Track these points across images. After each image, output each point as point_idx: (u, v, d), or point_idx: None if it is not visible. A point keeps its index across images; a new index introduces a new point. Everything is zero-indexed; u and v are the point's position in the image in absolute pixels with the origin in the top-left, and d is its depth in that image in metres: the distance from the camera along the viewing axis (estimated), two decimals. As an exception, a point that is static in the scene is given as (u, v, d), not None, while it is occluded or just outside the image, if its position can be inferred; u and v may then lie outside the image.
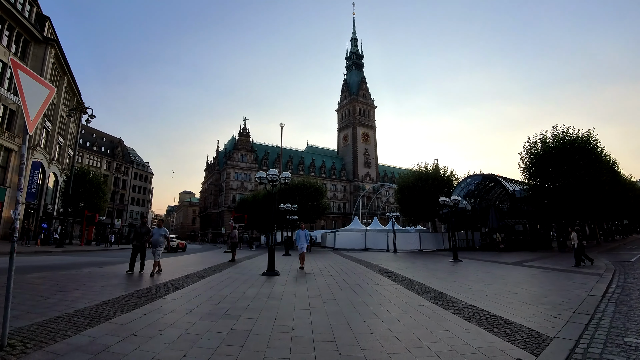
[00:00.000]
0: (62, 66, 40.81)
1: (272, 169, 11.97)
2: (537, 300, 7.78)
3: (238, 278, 10.74)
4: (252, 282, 9.97)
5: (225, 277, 10.96)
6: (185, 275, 11.10)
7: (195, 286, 8.89)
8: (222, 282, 9.84)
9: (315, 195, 43.69)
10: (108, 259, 19.58)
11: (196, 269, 12.92)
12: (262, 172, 12.04)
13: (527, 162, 28.65)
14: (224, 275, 11.44)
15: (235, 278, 10.73)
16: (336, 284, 9.84)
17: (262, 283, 9.76)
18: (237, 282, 9.92)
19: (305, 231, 14.20)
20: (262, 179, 11.98)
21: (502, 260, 20.11)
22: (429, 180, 36.43)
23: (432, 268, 15.24)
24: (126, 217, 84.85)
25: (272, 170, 11.75)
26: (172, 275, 10.94)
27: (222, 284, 9.45)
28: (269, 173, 11.74)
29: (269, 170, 11.86)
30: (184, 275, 11.10)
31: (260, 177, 12.00)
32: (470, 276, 12.23)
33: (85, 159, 73.81)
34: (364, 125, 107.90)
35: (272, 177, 11.71)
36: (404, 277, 11.42)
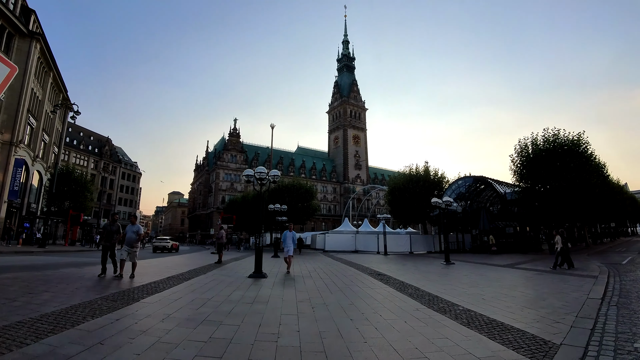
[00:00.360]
0: (48, 61, 39.80)
1: (260, 166, 11.46)
2: (536, 303, 7.46)
3: (223, 280, 10.25)
4: (238, 284, 9.49)
5: (210, 279, 10.47)
6: (167, 277, 10.58)
7: (176, 289, 8.39)
8: (206, 284, 9.34)
9: (306, 197, 43.25)
10: (90, 259, 18.91)
11: (180, 271, 12.40)
12: (249, 170, 11.53)
13: (518, 164, 28.60)
14: (208, 277, 10.94)
15: (220, 280, 10.24)
16: (326, 287, 9.41)
17: (248, 286, 9.29)
18: (221, 284, 9.44)
19: (293, 232, 12.96)
20: (249, 177, 11.49)
21: (494, 262, 19.87)
22: (419, 182, 36.26)
23: (424, 270, 14.90)
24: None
25: (260, 168, 11.28)
26: (153, 277, 10.42)
27: (205, 286, 8.96)
28: (257, 171, 11.26)
29: (256, 168, 11.37)
30: (166, 277, 10.57)
31: (247, 174, 11.50)
32: (464, 279, 11.90)
33: (72, 157, 72.37)
34: (354, 127, 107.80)
35: (260, 175, 11.24)
36: (396, 280, 11.04)
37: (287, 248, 12.68)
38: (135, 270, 10.45)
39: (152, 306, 6.35)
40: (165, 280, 9.74)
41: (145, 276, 10.62)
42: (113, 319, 5.30)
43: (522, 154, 28.44)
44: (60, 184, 38.70)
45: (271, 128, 61.61)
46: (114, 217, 10.91)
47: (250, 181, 11.60)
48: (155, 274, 11.29)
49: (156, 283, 9.18)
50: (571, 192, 25.72)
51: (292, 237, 12.78)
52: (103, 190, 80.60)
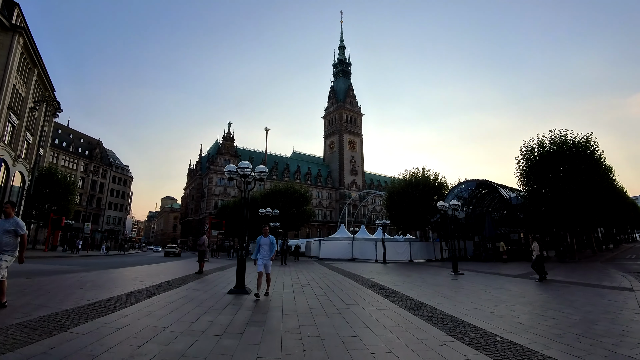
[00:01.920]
0: (32, 57, 37.81)
1: (244, 161, 9.63)
2: (590, 330, 5.82)
3: (195, 298, 8.38)
4: (211, 304, 7.64)
5: (180, 295, 8.60)
6: (128, 292, 8.69)
7: (127, 311, 6.53)
8: (171, 304, 7.48)
9: (300, 202, 41.35)
10: (63, 267, 17.01)
11: (149, 284, 10.51)
12: (231, 166, 9.71)
13: (524, 166, 27.03)
14: (179, 292, 9.08)
15: (192, 297, 8.37)
16: (321, 307, 7.56)
17: (223, 306, 7.43)
18: (191, 304, 7.58)
19: (271, 238, 9.10)
20: (231, 173, 9.69)
21: (505, 272, 18.18)
22: (419, 186, 34.57)
23: (432, 283, 13.08)
24: (103, 222, 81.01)
25: (244, 163, 9.48)
26: (112, 292, 8.56)
27: (168, 307, 7.10)
28: (240, 166, 9.46)
29: (240, 163, 9.57)
30: (126, 292, 8.69)
31: (229, 170, 9.70)
32: (483, 294, 10.13)
33: (60, 159, 70.01)
34: (350, 133, 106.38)
35: (243, 172, 9.44)
36: (404, 296, 9.25)
37: (261, 259, 8.99)
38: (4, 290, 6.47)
39: (76, 342, 4.49)
40: (122, 297, 7.87)
41: (103, 290, 8.76)
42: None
43: (528, 157, 26.88)
44: (42, 186, 36.67)
45: (266, 132, 59.90)
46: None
47: (233, 178, 9.79)
48: (117, 287, 9.43)
49: (107, 302, 7.30)
50: (582, 195, 24.19)
51: (269, 244, 9.07)
52: (92, 194, 78.26)
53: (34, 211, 37.32)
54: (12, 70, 32.47)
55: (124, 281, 11.27)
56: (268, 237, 9.08)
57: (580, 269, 19.17)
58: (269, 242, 9.05)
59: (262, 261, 8.94)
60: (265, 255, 9.01)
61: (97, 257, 32.46)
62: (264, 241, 9.06)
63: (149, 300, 7.78)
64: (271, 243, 9.07)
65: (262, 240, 9.07)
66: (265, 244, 9.04)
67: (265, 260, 8.95)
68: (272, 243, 9.08)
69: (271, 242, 9.08)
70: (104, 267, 18.08)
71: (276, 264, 25.03)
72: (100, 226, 79.59)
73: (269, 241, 9.06)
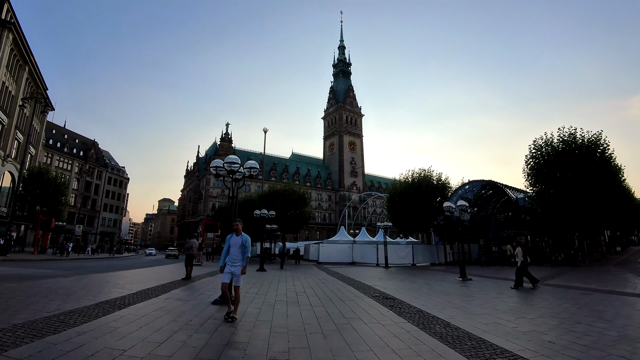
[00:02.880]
0: (23, 54, 36.84)
1: (231, 156, 8.53)
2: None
3: (174, 309, 7.31)
4: (189, 318, 6.57)
5: (157, 306, 7.53)
6: (99, 302, 7.60)
7: (88, 326, 5.46)
8: (143, 317, 6.40)
9: (299, 203, 40.17)
10: (44, 271, 15.92)
11: (127, 291, 9.43)
12: (218, 161, 8.66)
13: (533, 166, 26.02)
14: (157, 302, 8.00)
15: (170, 309, 7.29)
16: (317, 323, 6.46)
17: (202, 321, 6.37)
18: (166, 317, 6.51)
19: (244, 237, 6.76)
20: (218, 169, 8.64)
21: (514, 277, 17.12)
22: (422, 187, 33.49)
23: (440, 290, 12.00)
24: (98, 225, 79.83)
25: (231, 158, 8.40)
26: (80, 302, 7.48)
27: (138, 322, 6.03)
28: (228, 160, 8.40)
29: (227, 157, 8.51)
30: (97, 301, 7.60)
31: (216, 166, 8.65)
32: (498, 303, 9.08)
33: (54, 160, 68.85)
34: (350, 134, 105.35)
35: (231, 167, 8.39)
36: (411, 308, 8.18)
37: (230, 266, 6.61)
38: None
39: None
40: (90, 309, 6.79)
41: (71, 300, 7.68)
42: None
43: (537, 156, 25.87)
44: (33, 186, 35.59)
45: (264, 132, 58.65)
46: None
47: (220, 175, 8.73)
48: (88, 296, 8.33)
49: (71, 314, 6.22)
50: (593, 196, 23.20)
51: (240, 247, 6.68)
52: (87, 195, 77.08)
53: (24, 212, 36.24)
54: (1, 67, 31.52)
55: (101, 288, 10.21)
56: (240, 236, 6.66)
57: (595, 274, 18.15)
58: (240, 243, 6.62)
59: (230, 268, 6.53)
60: (235, 259, 6.55)
61: (86, 260, 31.38)
62: (234, 241, 6.66)
63: (119, 312, 6.72)
64: (243, 245, 6.62)
65: (232, 240, 6.68)
66: (235, 244, 6.63)
67: (233, 268, 6.51)
68: (245, 245, 6.62)
69: (243, 243, 6.62)
70: (88, 271, 16.99)
71: (273, 268, 23.95)
72: (95, 228, 78.44)
73: (240, 241, 6.63)
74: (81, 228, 45.61)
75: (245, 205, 39.49)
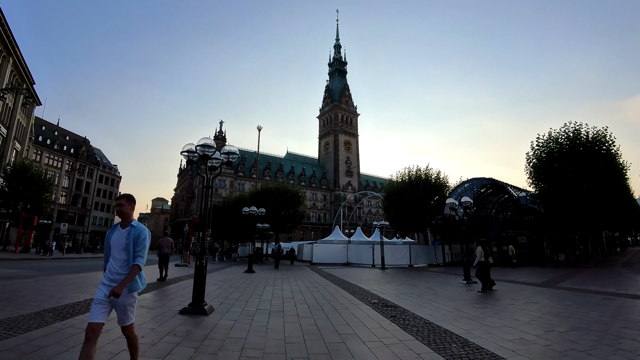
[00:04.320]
0: (6, 44, 35.19)
1: (205, 138, 7.16)
2: None
3: (136, 316, 6.01)
4: (146, 331, 5.25)
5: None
6: (43, 309, 6.28)
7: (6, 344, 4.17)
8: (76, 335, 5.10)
9: (292, 202, 38.78)
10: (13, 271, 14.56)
11: (87, 296, 8.06)
12: (190, 145, 7.36)
13: (536, 163, 24.93)
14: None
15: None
16: (302, 343, 5.12)
17: (160, 336, 5.04)
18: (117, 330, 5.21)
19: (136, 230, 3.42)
20: (191, 154, 7.34)
21: (523, 279, 15.96)
22: (419, 185, 32.27)
23: (446, 296, 10.73)
24: (89, 223, 78.05)
25: (205, 140, 7.12)
26: (18, 309, 6.15)
27: (76, 337, 4.70)
28: (201, 144, 7.10)
29: (200, 140, 7.20)
30: (39, 310, 6.28)
31: (189, 151, 7.34)
32: (516, 312, 7.83)
33: (44, 157, 67.04)
34: (346, 133, 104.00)
35: (203, 150, 7.09)
36: (417, 318, 6.91)
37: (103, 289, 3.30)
38: None
39: None
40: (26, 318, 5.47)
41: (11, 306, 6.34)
42: None
43: (539, 153, 24.79)
44: (16, 182, 34.08)
45: (258, 130, 57.61)
46: None
47: (192, 162, 7.42)
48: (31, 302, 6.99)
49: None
50: (599, 194, 22.15)
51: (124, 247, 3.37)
52: (77, 193, 75.27)
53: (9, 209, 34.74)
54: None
55: (57, 292, 8.81)
56: (128, 228, 3.45)
57: (605, 276, 17.01)
58: (125, 241, 3.38)
59: (105, 287, 3.30)
60: (118, 272, 3.33)
61: (67, 259, 29.81)
62: (116, 238, 3.45)
63: (59, 324, 5.41)
64: (136, 241, 3.38)
65: (114, 237, 3.47)
66: (117, 244, 3.41)
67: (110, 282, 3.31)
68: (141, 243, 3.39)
69: (136, 239, 3.39)
70: (60, 271, 15.62)
71: (263, 269, 22.62)
72: (86, 227, 76.67)
73: (126, 238, 3.39)
74: (66, 226, 43.96)
75: (238, 204, 38.08)
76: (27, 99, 33.19)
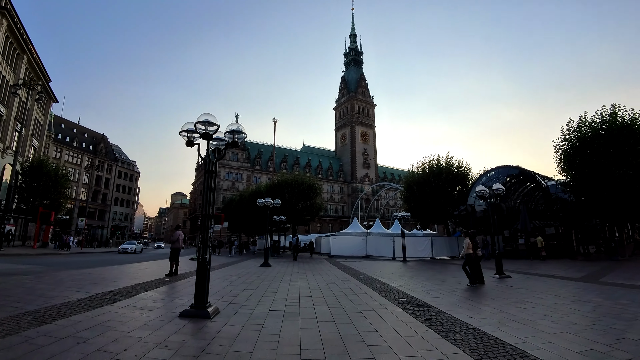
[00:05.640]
0: (20, 41, 35.11)
1: (207, 113, 6.16)
2: None
3: (121, 325, 5.09)
4: (133, 341, 4.36)
5: (106, 317, 5.36)
6: (27, 311, 5.47)
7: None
8: (66, 339, 4.22)
9: (309, 194, 37.78)
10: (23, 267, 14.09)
11: (82, 295, 7.28)
12: (190, 124, 6.41)
13: (566, 149, 23.31)
14: (111, 311, 5.81)
15: (114, 325, 5.07)
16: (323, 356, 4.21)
17: (144, 351, 4.15)
18: (100, 339, 4.32)
19: None
20: (190, 133, 6.42)
21: (559, 273, 14.72)
22: (442, 175, 30.86)
23: (481, 293, 9.58)
24: (109, 218, 78.95)
25: (205, 116, 6.16)
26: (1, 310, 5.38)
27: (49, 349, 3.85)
28: (201, 120, 6.14)
29: (201, 116, 6.22)
30: (23, 311, 5.47)
31: (188, 130, 6.42)
32: (570, 314, 6.68)
33: (64, 154, 67.86)
34: (362, 124, 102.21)
35: (204, 129, 6.14)
36: (456, 322, 5.85)
37: None
38: None
39: None
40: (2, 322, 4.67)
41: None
42: None
43: (570, 138, 23.16)
44: (32, 179, 34.16)
45: (274, 123, 56.72)
46: None
47: (193, 142, 6.49)
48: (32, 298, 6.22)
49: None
50: (638, 181, 20.54)
51: None
52: (97, 189, 76.07)
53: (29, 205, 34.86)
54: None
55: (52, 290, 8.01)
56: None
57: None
58: None
59: None
60: None
61: (83, 254, 29.61)
62: None
63: (36, 329, 4.56)
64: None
65: None
66: None
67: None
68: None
69: None
70: (70, 267, 15.07)
71: (280, 263, 21.76)
72: (107, 222, 77.56)
73: None
74: (84, 221, 44.12)
75: (255, 197, 37.29)
76: (39, 94, 33.13)
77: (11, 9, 33.31)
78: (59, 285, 8.61)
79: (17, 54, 35.62)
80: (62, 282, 9.22)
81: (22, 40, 35.10)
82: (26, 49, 36.34)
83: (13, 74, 34.70)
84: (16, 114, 35.54)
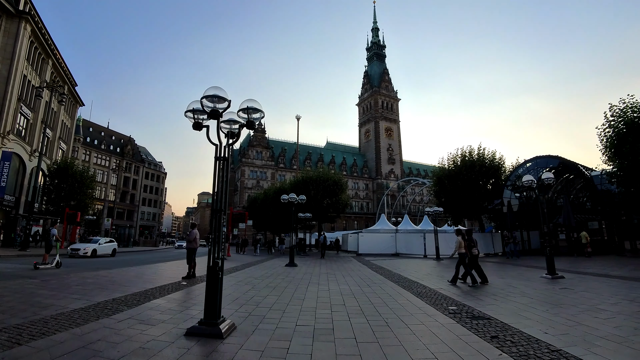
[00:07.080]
0: (44, 46, 35.46)
1: (215, 87, 5.13)
2: None
3: (113, 347, 4.12)
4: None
5: (100, 335, 4.41)
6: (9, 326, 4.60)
7: None
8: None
9: (334, 190, 36.63)
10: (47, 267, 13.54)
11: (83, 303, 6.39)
12: (195, 102, 5.38)
13: (612, 136, 21.22)
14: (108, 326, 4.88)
15: (105, 347, 4.11)
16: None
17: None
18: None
19: None
20: (196, 113, 5.39)
21: (615, 272, 13.07)
22: (474, 167, 29.07)
23: (539, 297, 8.21)
24: (137, 218, 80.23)
25: (213, 90, 5.10)
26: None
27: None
28: (209, 94, 5.09)
29: (208, 90, 5.16)
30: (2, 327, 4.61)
31: (194, 109, 5.39)
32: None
33: (92, 157, 69.28)
34: (386, 119, 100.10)
35: (212, 106, 5.08)
36: (532, 341, 4.59)
37: None
38: None
39: None
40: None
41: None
42: None
43: (617, 124, 21.02)
44: (59, 180, 34.47)
45: (297, 120, 56.08)
46: None
47: (200, 123, 5.46)
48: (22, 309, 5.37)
49: None
50: None
51: None
52: (125, 190, 77.34)
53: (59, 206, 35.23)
54: (19, 59, 29.95)
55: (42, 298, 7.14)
56: None
57: None
58: None
59: None
60: None
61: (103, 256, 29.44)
62: None
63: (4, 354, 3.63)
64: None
65: None
66: None
67: None
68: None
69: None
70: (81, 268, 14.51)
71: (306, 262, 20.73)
72: (135, 222, 78.79)
73: None
74: (110, 221, 44.43)
75: (279, 195, 36.42)
76: (62, 96, 33.24)
77: (35, 14, 33.59)
78: (62, 291, 7.78)
79: (42, 58, 35.97)
80: (67, 287, 8.42)
81: (46, 45, 35.41)
82: (51, 53, 36.67)
83: (38, 78, 35.03)
84: (43, 117, 35.85)
